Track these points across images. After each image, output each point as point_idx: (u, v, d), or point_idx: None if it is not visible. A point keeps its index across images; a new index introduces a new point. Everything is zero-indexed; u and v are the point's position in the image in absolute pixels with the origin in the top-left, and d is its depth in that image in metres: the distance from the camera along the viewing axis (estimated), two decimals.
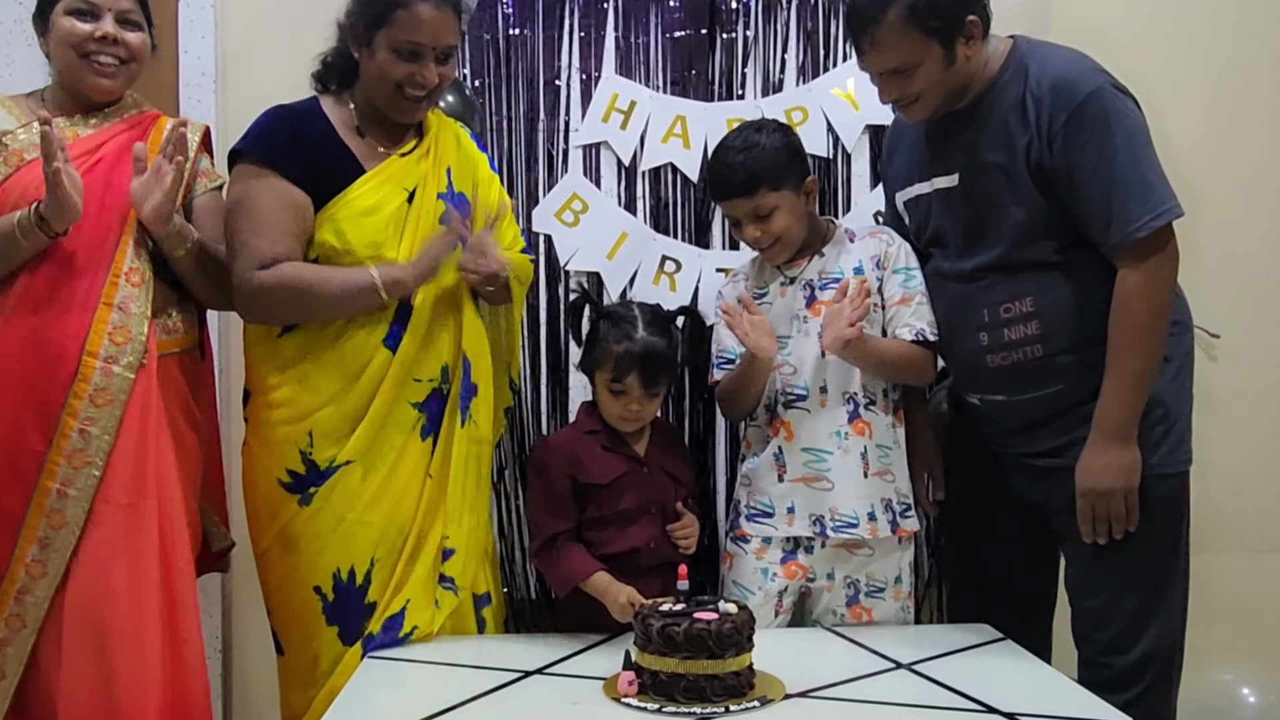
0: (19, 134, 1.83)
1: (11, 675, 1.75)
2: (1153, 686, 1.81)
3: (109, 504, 1.74)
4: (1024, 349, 1.83)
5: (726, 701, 1.54)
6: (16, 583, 1.73)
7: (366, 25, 1.82)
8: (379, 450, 1.84)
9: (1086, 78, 1.75)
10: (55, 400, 1.72)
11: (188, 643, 1.80)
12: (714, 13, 2.41)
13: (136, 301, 1.80)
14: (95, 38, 1.82)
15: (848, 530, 1.90)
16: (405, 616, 1.83)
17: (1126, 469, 1.76)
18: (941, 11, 1.75)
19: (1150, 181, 1.72)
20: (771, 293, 2.00)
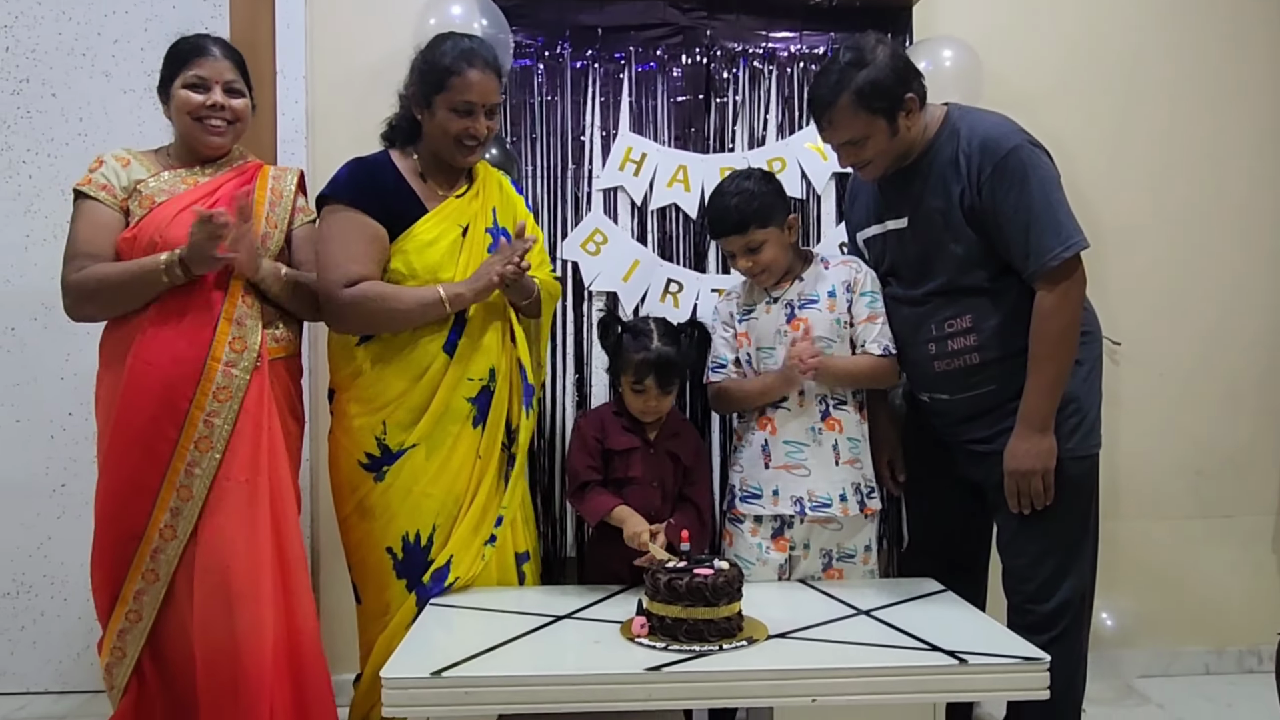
0: (150, 182, 1.84)
1: (147, 618, 1.78)
2: (1068, 629, 1.81)
3: (229, 480, 1.75)
4: (964, 357, 1.84)
5: (720, 641, 1.55)
6: (152, 544, 1.75)
7: (426, 91, 1.83)
8: (439, 436, 1.84)
9: (1008, 137, 1.75)
10: (185, 396, 1.74)
11: (297, 592, 1.80)
12: (709, 81, 2.41)
13: (250, 317, 1.81)
14: (207, 105, 1.84)
15: (823, 510, 1.89)
16: (450, 569, 1.83)
17: (1044, 454, 1.76)
18: (884, 94, 1.75)
19: (1060, 220, 1.72)
20: (758, 310, 1.99)
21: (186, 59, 1.85)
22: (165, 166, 1.88)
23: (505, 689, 1.44)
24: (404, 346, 1.84)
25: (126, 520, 1.75)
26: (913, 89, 1.78)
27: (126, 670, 1.79)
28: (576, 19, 2.38)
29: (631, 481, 1.93)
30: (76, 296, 1.78)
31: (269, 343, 1.84)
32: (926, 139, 1.83)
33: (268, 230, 1.89)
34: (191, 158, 1.90)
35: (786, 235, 1.95)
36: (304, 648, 1.79)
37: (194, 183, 1.86)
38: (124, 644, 1.79)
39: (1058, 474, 1.78)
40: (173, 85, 1.85)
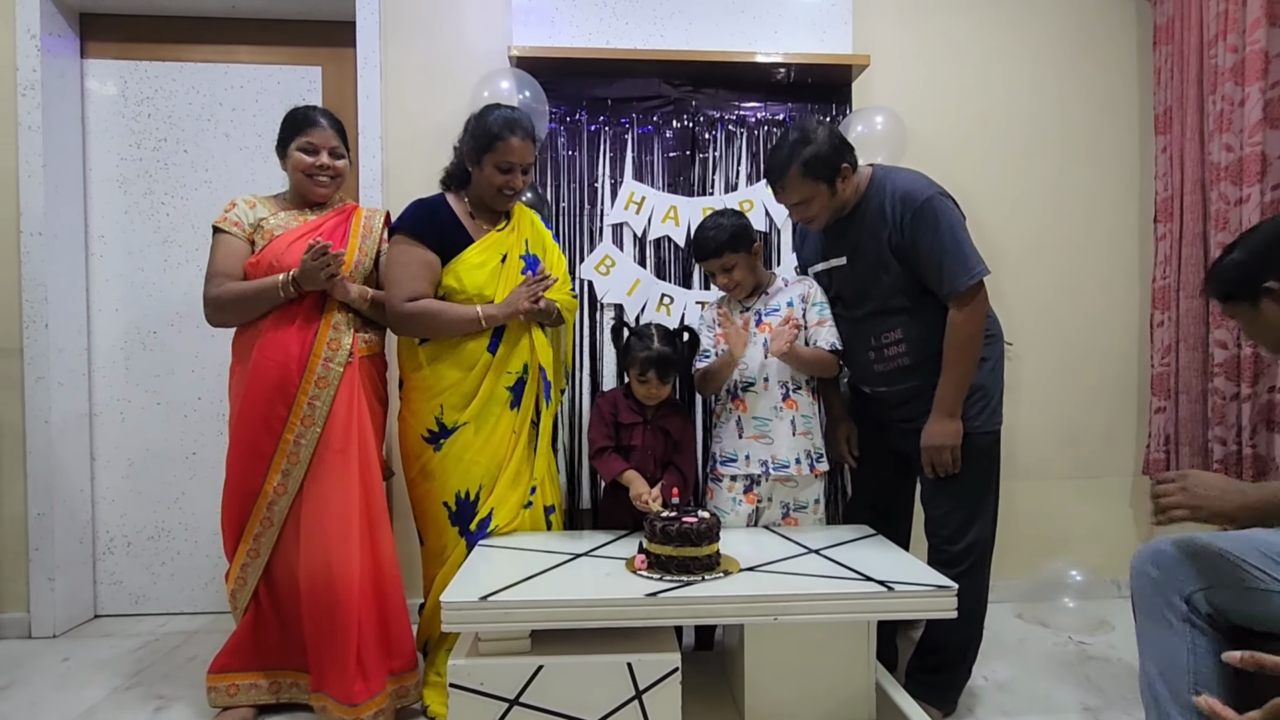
0: (270, 220, 1.85)
1: (264, 554, 1.79)
2: (974, 565, 1.81)
3: (328, 449, 1.76)
4: (897, 360, 1.84)
5: (703, 573, 1.56)
6: (268, 498, 1.76)
7: (477, 150, 1.83)
8: (484, 416, 1.83)
9: (923, 190, 1.74)
10: (294, 384, 1.75)
11: (379, 536, 1.80)
12: (694, 140, 2.41)
13: (344, 324, 1.81)
14: (316, 165, 1.86)
15: (783, 470, 1.89)
16: (491, 518, 1.83)
17: (952, 433, 1.77)
18: (825, 164, 1.75)
19: (965, 254, 1.72)
20: (734, 317, 1.99)
21: (301, 127, 1.86)
22: (282, 208, 1.89)
23: (537, 610, 1.45)
24: (455, 347, 1.84)
25: (249, 479, 1.77)
26: (847, 159, 1.78)
27: (247, 595, 1.81)
28: (592, 92, 2.38)
29: (633, 449, 1.94)
30: (215, 307, 1.79)
31: (359, 344, 1.84)
32: (859, 194, 1.82)
33: (359, 259, 1.88)
34: (302, 202, 1.91)
35: (753, 259, 1.95)
36: (385, 579, 1.80)
37: (303, 220, 1.87)
38: (245, 575, 1.80)
39: (969, 445, 1.78)
40: (290, 146, 1.86)
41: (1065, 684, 2.05)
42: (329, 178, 1.88)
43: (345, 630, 1.71)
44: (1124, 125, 2.67)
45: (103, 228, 2.53)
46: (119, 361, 2.54)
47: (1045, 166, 2.64)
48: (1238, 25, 2.23)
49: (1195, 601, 1.22)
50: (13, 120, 2.36)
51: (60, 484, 2.43)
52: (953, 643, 1.84)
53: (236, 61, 2.55)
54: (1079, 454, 2.68)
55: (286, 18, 2.53)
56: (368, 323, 1.89)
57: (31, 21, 2.36)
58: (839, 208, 1.83)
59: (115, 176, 2.53)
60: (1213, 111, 2.32)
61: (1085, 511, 2.68)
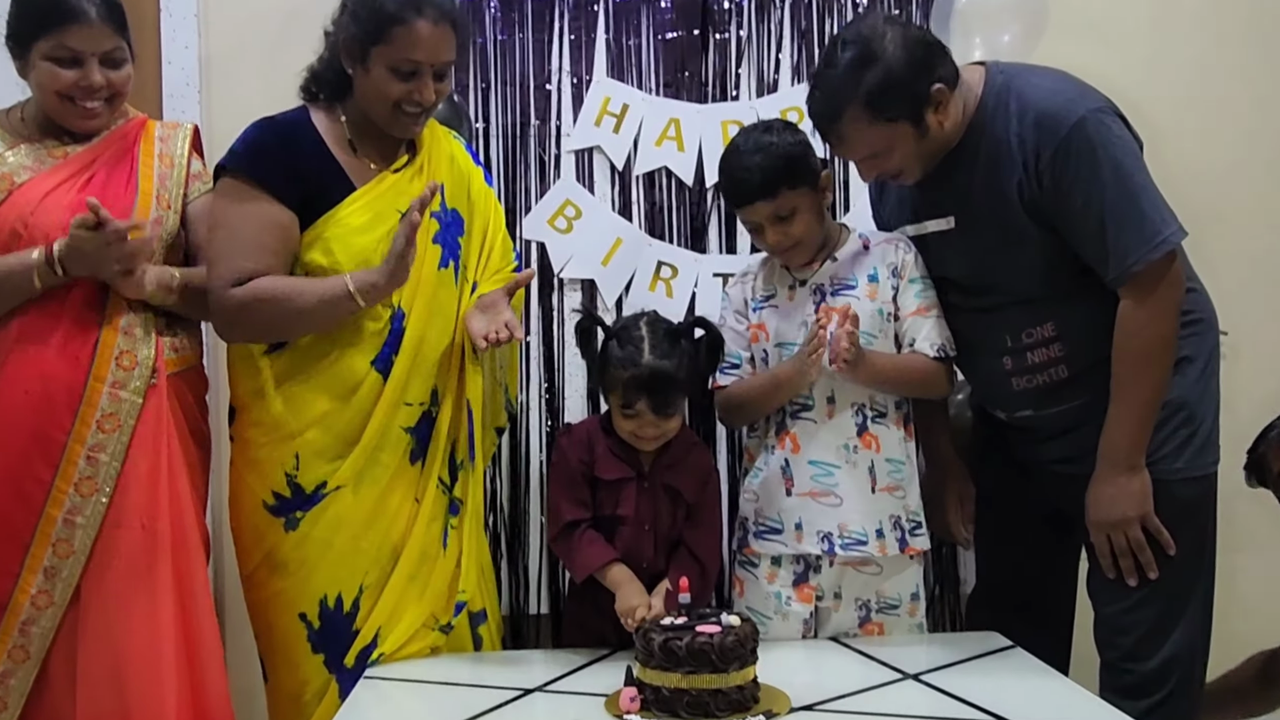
0: (8, 157, 1.82)
1: (14, 707, 1.76)
2: (1175, 692, 1.80)
3: (120, 529, 1.75)
4: (1049, 370, 1.85)
5: (731, 716, 1.54)
6: (20, 614, 1.73)
7: (361, 42, 1.80)
8: (371, 473, 1.83)
9: (1069, 108, 1.74)
10: (62, 427, 1.73)
11: (207, 671, 1.79)
12: (706, 13, 2.42)
13: (141, 325, 1.81)
14: (81, 86, 1.81)
15: (857, 548, 1.89)
16: (376, 645, 1.82)
17: (1136, 497, 1.76)
18: (903, 95, 1.75)
19: (1144, 212, 1.72)
20: (780, 297, 1.99)
21: (53, 21, 1.78)
22: (22, 138, 1.85)
23: None
24: (323, 357, 1.83)
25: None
26: (939, 76, 1.78)
27: None
28: None
29: (619, 521, 1.92)
30: None
31: (166, 353, 1.84)
32: (967, 118, 1.83)
33: (160, 211, 1.86)
34: (57, 127, 1.88)
35: (820, 199, 1.95)
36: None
37: (63, 155, 1.85)
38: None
39: (1164, 501, 1.77)
40: (30, 50, 1.80)
41: None
42: (103, 101, 1.84)
43: None
44: None
45: None
46: None
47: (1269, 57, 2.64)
48: None
49: None
50: None
51: None
52: None
53: None
54: None
55: None
56: (175, 320, 1.89)
57: None
58: (937, 150, 1.84)
59: None
60: None
61: None
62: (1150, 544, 1.77)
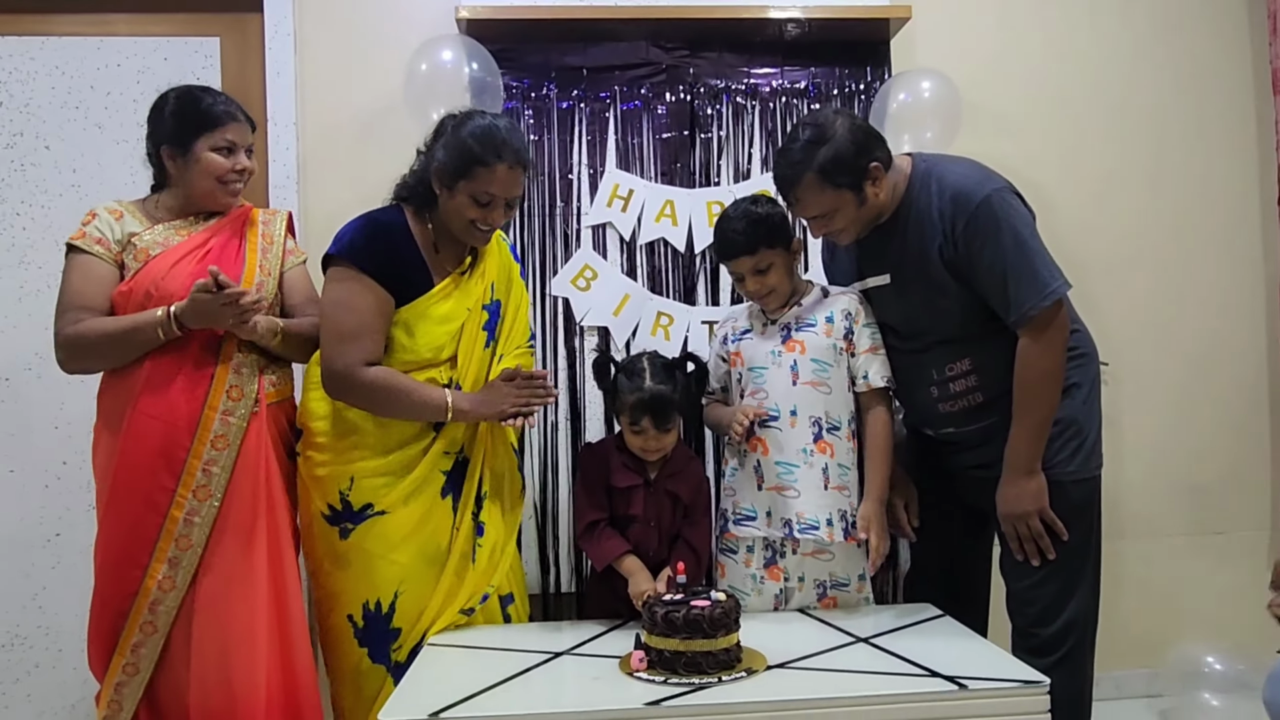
0: (144, 235, 1.82)
1: (144, 671, 1.75)
2: (1073, 650, 1.79)
3: (228, 528, 1.74)
4: (967, 397, 1.85)
5: (719, 673, 1.53)
6: (150, 595, 1.72)
7: (450, 173, 1.76)
8: (411, 503, 1.80)
9: (978, 188, 1.74)
10: (183, 446, 1.73)
11: (294, 641, 1.78)
12: (693, 118, 2.44)
13: (247, 365, 1.80)
14: (234, 170, 1.85)
15: (810, 531, 1.87)
16: (422, 642, 1.79)
17: (1035, 495, 1.76)
18: (848, 167, 1.76)
19: (1036, 269, 1.72)
20: (754, 331, 2.00)
21: (214, 121, 1.83)
22: (157, 218, 1.86)
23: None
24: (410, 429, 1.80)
25: (125, 572, 1.73)
26: (876, 157, 1.78)
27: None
28: (562, 60, 2.42)
29: (631, 520, 1.92)
30: (71, 351, 1.77)
31: (266, 388, 1.83)
32: (898, 196, 1.83)
33: (262, 279, 1.88)
34: (187, 210, 1.88)
35: (793, 258, 1.97)
36: (301, 699, 1.76)
37: (188, 234, 1.85)
38: (120, 698, 1.76)
39: (1060, 498, 1.77)
40: (196, 144, 1.82)
41: None
42: (243, 183, 1.88)
43: None
44: (1233, 87, 2.71)
45: None
46: None
47: (1137, 142, 2.68)
48: None
49: None
50: None
51: None
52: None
53: (112, 34, 2.57)
54: (1200, 503, 2.67)
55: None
56: (274, 360, 1.88)
57: None
58: (873, 217, 1.84)
59: None
60: None
61: (1209, 577, 2.66)
62: (1048, 532, 1.77)
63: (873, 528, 1.87)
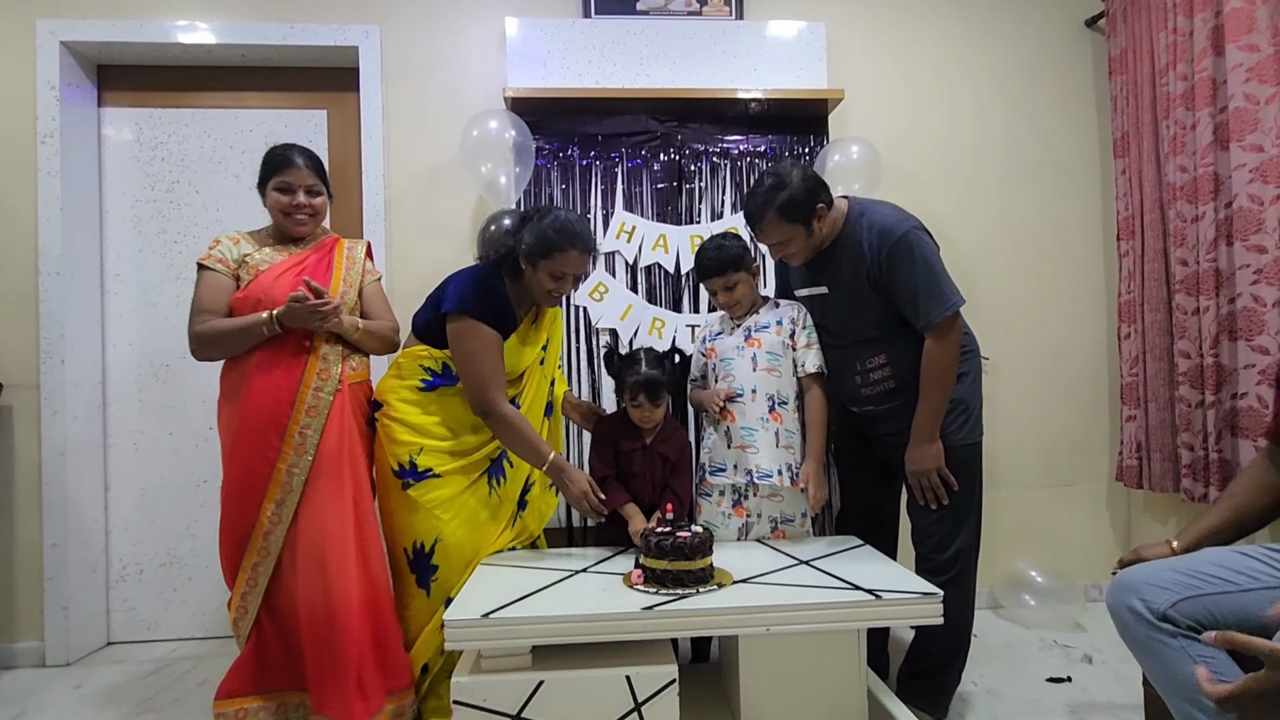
0: (255, 255, 1.81)
1: (262, 583, 1.75)
2: (960, 572, 1.79)
3: (320, 476, 1.73)
4: (883, 384, 1.84)
5: (697, 586, 1.54)
6: (263, 528, 1.72)
7: (534, 254, 1.76)
8: (458, 479, 1.79)
9: (899, 224, 1.74)
10: (285, 415, 1.72)
11: (373, 560, 1.78)
12: (681, 172, 2.43)
13: (333, 354, 1.79)
14: (292, 205, 1.82)
15: (766, 479, 1.87)
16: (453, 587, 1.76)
17: (934, 455, 1.76)
18: (801, 208, 1.75)
19: (940, 288, 1.71)
20: (724, 332, 1.99)
21: (278, 167, 1.81)
22: (265, 243, 1.85)
23: (537, 625, 1.43)
24: (463, 407, 1.79)
25: (244, 510, 1.73)
26: (822, 199, 1.77)
27: (248, 624, 1.77)
28: (583, 129, 2.40)
29: (632, 475, 1.91)
30: (200, 343, 1.75)
31: (347, 372, 1.82)
32: (836, 229, 1.83)
33: (345, 289, 1.85)
34: (284, 237, 1.87)
35: (753, 278, 1.96)
36: (380, 602, 1.76)
37: (287, 254, 1.83)
38: (245, 604, 1.76)
39: (952, 457, 1.77)
40: (267, 186, 1.83)
41: (1051, 687, 2.01)
42: (307, 215, 1.84)
43: (345, 654, 1.67)
44: (1086, 149, 2.70)
45: (118, 266, 2.53)
46: (132, 394, 2.52)
47: (1014, 190, 2.67)
48: (1186, 55, 2.27)
49: (1172, 617, 1.21)
50: (33, 166, 2.37)
51: (74, 513, 2.39)
52: (941, 649, 1.82)
53: (246, 107, 2.57)
54: (1055, 462, 2.67)
55: (294, 65, 2.56)
56: (353, 350, 1.85)
57: (52, 74, 2.38)
58: (817, 244, 1.83)
59: (130, 217, 2.54)
60: (1167, 135, 2.35)
61: (1063, 517, 2.67)
62: (943, 484, 1.77)
63: (812, 480, 1.86)
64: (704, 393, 1.99)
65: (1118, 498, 2.68)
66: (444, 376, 1.82)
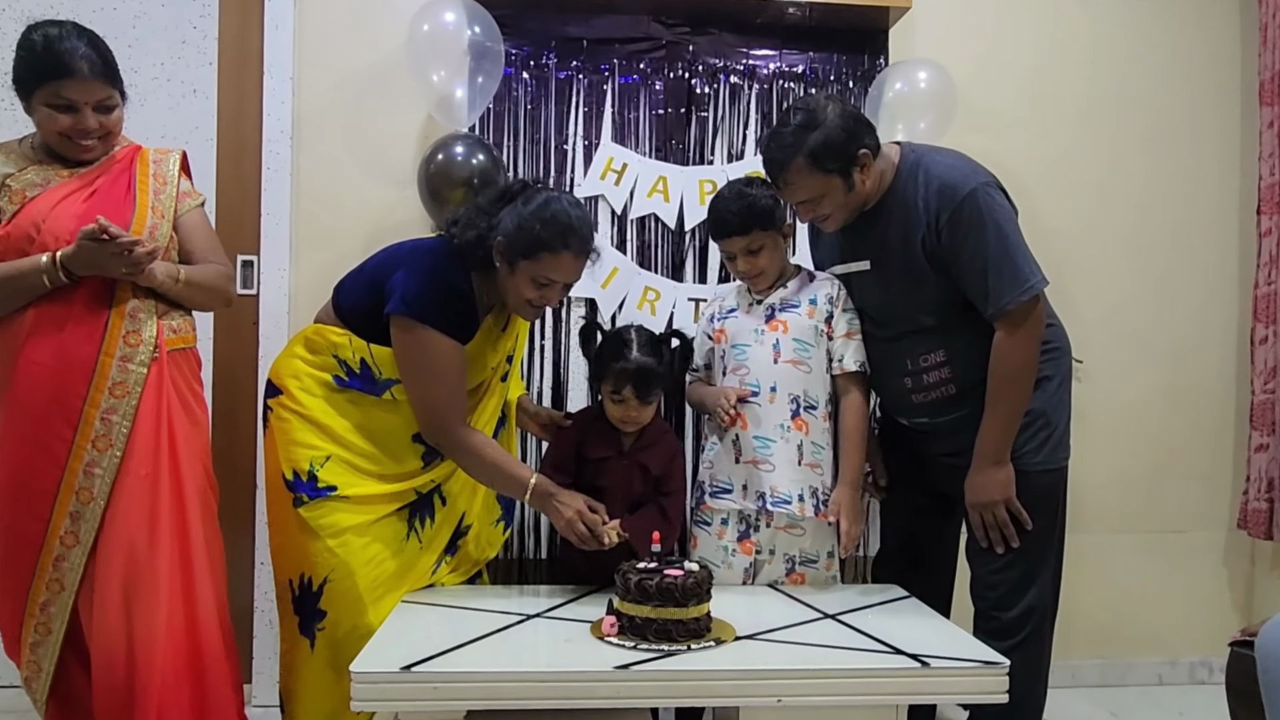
0: (19, 176, 1.70)
1: (57, 630, 1.68)
2: (1031, 635, 1.81)
3: (130, 476, 1.66)
4: (940, 389, 1.85)
5: (689, 641, 1.54)
6: (53, 552, 1.65)
7: (514, 252, 1.73)
8: (367, 508, 1.76)
9: (964, 181, 1.74)
10: (78, 394, 1.64)
11: (201, 590, 1.71)
12: (690, 96, 2.42)
13: (144, 310, 1.71)
14: (76, 129, 1.69)
15: (782, 505, 1.87)
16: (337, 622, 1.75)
17: (1002, 484, 1.77)
18: (837, 153, 1.75)
19: (1017, 264, 1.72)
20: (739, 310, 2.00)
21: (48, 74, 1.64)
22: (32, 161, 1.73)
23: (474, 685, 1.42)
24: (397, 438, 1.80)
25: (25, 527, 1.65)
26: (865, 144, 1.78)
27: (44, 686, 1.69)
28: (563, 30, 2.39)
29: (599, 492, 1.90)
30: None
31: (165, 333, 1.74)
32: (884, 184, 1.83)
33: (155, 222, 1.76)
34: (61, 156, 1.75)
35: (783, 241, 1.96)
36: (205, 649, 1.71)
37: (68, 174, 1.72)
38: (38, 658, 1.68)
39: (1026, 487, 1.78)
40: (33, 95, 1.66)
41: None
42: (97, 139, 1.72)
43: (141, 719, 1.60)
44: (1221, 95, 2.71)
45: None
46: None
47: (1123, 144, 2.68)
48: None
49: None
50: None
51: None
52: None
53: None
54: (1159, 501, 2.70)
55: None
56: (173, 306, 1.78)
57: None
58: (859, 204, 1.83)
59: None
60: None
61: (1166, 572, 2.70)
62: (1013, 521, 1.79)
63: (844, 512, 1.87)
64: (709, 389, 2.00)
65: (1239, 550, 2.72)
66: (364, 380, 1.78)
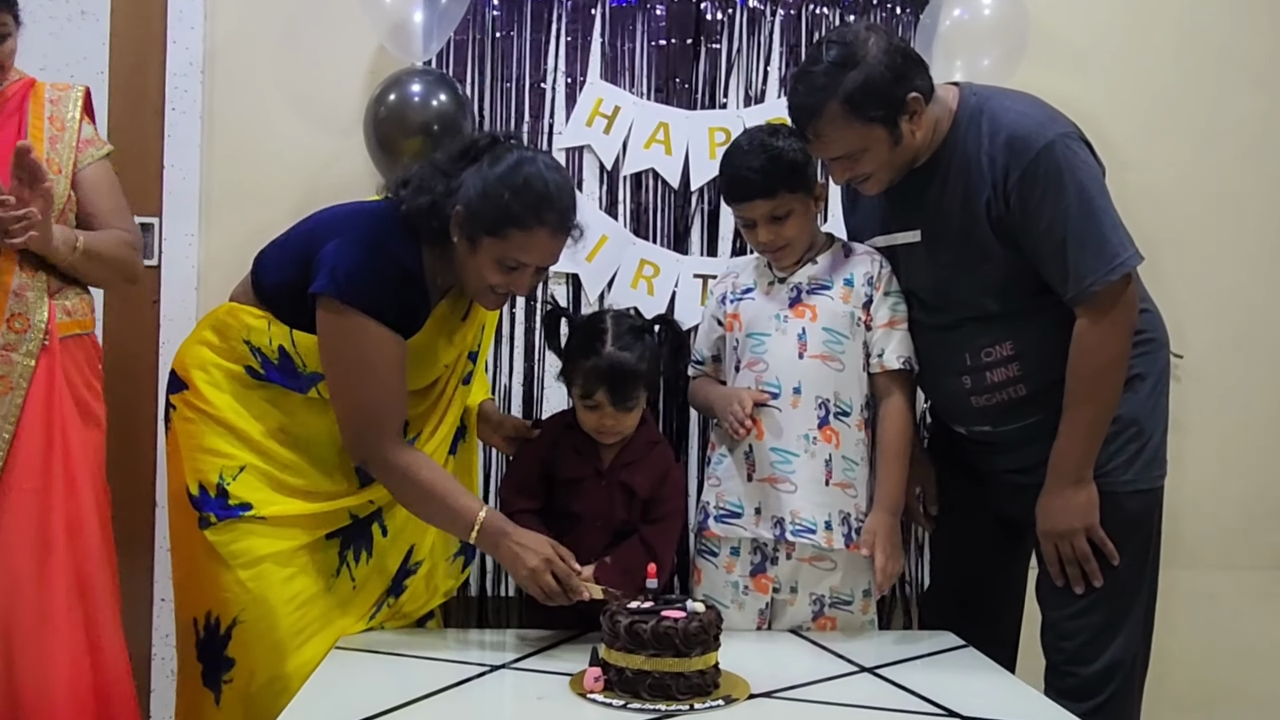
0: None
1: None
2: (1116, 695, 1.81)
3: (13, 490, 1.68)
4: (1007, 390, 1.84)
5: (691, 699, 1.52)
6: None
7: (477, 225, 1.69)
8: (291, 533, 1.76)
9: (1039, 132, 1.74)
10: None
11: (102, 629, 1.74)
12: (699, 23, 2.43)
13: (33, 287, 1.74)
14: None
15: (805, 535, 1.87)
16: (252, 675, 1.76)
17: (1083, 509, 1.77)
18: (881, 98, 1.73)
19: (1104, 235, 1.72)
20: (758, 290, 1.99)
21: None
22: None
23: None
24: (327, 446, 1.80)
25: None
26: (916, 86, 1.77)
27: None
28: None
29: (576, 518, 1.90)
30: None
31: (59, 316, 1.77)
32: (939, 136, 1.82)
33: (51, 177, 1.75)
34: None
35: (815, 206, 1.96)
36: (112, 697, 1.74)
37: None
38: None
39: (1111, 512, 1.78)
40: None
41: None
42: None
43: None
44: None
45: None
46: None
47: (1234, 96, 2.67)
48: None
49: None
50: None
51: None
52: None
53: None
54: (1273, 531, 2.71)
55: None
56: (67, 282, 1.81)
57: None
58: (907, 159, 1.83)
59: None
60: None
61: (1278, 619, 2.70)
62: (1096, 554, 1.78)
63: (879, 543, 1.87)
64: (719, 390, 1.99)
65: None
66: (285, 374, 1.78)
